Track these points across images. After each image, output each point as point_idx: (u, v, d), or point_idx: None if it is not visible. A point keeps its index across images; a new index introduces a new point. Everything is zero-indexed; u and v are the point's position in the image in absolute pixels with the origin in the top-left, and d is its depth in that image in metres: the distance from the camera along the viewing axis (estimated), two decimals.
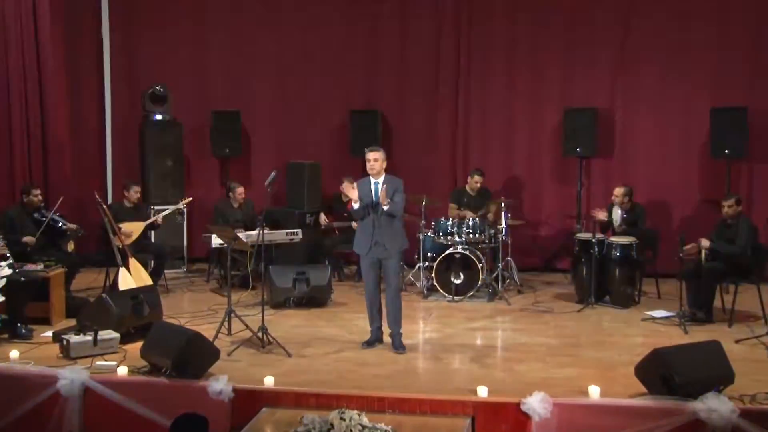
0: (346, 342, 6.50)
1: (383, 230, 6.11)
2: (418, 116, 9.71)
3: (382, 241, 6.11)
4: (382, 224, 6.10)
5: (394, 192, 6.13)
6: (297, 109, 9.91)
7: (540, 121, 9.41)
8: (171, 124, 9.63)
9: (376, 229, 6.11)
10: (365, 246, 6.19)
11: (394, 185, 6.16)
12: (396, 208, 6.12)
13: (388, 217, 6.10)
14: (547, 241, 9.50)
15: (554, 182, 9.46)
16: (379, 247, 6.15)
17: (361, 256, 6.30)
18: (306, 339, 6.58)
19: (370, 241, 6.14)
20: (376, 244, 6.13)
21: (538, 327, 7.03)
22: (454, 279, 8.01)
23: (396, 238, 6.19)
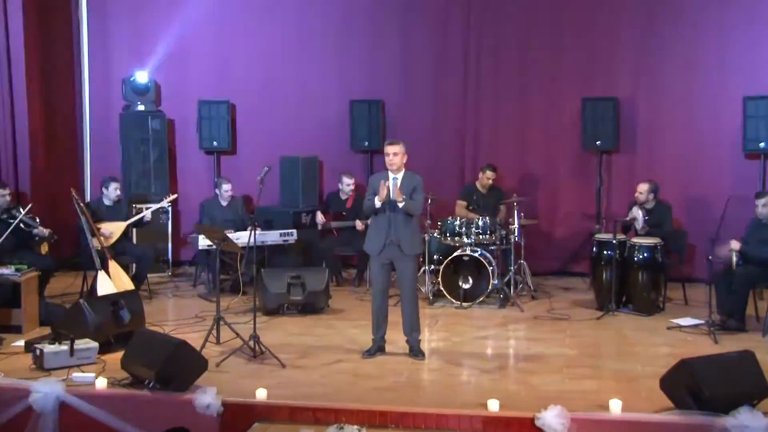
0: (345, 352, 6.50)
1: (399, 229, 6.13)
2: (424, 106, 9.72)
3: (397, 240, 6.13)
4: (398, 222, 6.13)
5: (413, 190, 6.15)
6: (292, 99, 9.91)
7: (556, 112, 9.40)
8: (154, 116, 9.64)
9: (392, 227, 6.14)
10: (378, 245, 6.21)
11: (413, 183, 6.18)
12: (414, 206, 6.16)
13: (405, 215, 6.11)
14: (564, 243, 9.49)
15: (572, 179, 9.46)
16: (393, 248, 6.17)
17: (372, 256, 6.30)
18: (301, 348, 6.58)
19: (384, 240, 6.16)
20: (391, 243, 6.15)
21: (554, 336, 7.02)
22: (463, 283, 8.01)
23: (413, 240, 6.22)
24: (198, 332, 6.87)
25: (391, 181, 6.21)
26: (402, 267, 6.23)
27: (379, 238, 6.19)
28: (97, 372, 5.81)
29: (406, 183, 6.17)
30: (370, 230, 6.33)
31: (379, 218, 6.20)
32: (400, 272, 6.27)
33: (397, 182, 6.17)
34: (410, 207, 6.12)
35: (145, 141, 9.59)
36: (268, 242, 8.43)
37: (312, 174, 9.50)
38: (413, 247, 6.24)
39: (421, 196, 6.22)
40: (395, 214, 6.13)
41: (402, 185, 6.16)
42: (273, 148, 9.74)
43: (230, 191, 8.73)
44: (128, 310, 6.58)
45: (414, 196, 6.16)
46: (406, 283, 6.28)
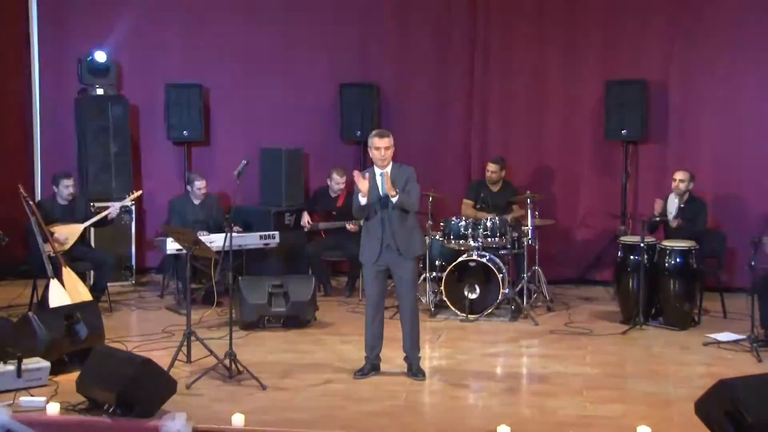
0: (334, 371, 6.48)
1: (395, 229, 6.11)
2: (424, 91, 9.71)
3: (394, 243, 6.11)
4: (394, 222, 6.11)
5: (407, 182, 6.13)
6: (273, 82, 9.89)
7: (576, 96, 9.40)
8: (115, 101, 9.62)
9: (387, 228, 6.12)
10: (374, 252, 6.18)
11: (405, 175, 6.16)
12: (409, 199, 6.12)
13: (401, 212, 6.10)
14: (585, 246, 9.49)
15: (593, 173, 9.46)
16: (391, 252, 6.15)
17: (366, 265, 6.29)
18: (284, 368, 6.56)
19: (379, 245, 6.14)
20: (387, 247, 6.13)
21: (573, 353, 7.01)
22: (469, 293, 8.00)
23: (411, 240, 6.20)
24: (166, 349, 6.84)
25: (379, 177, 6.18)
26: (400, 273, 6.21)
27: (374, 244, 6.17)
28: (49, 396, 5.77)
29: (397, 176, 6.13)
30: (363, 237, 6.31)
31: (371, 221, 6.18)
32: (398, 279, 6.25)
33: (386, 176, 6.14)
34: (406, 201, 6.09)
35: (104, 130, 9.56)
36: (246, 246, 8.41)
37: (297, 168, 9.49)
38: (413, 247, 6.22)
39: (416, 188, 6.19)
40: (389, 211, 6.10)
41: (387, 176, 6.12)
42: (252, 138, 9.73)
43: (203, 188, 8.71)
44: (85, 325, 6.55)
45: (409, 188, 6.13)
46: (406, 292, 6.26)
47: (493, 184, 8.84)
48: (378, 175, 6.19)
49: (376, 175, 6.19)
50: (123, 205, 8.38)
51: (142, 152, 10.03)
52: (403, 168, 6.22)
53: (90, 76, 9.59)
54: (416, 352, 6.33)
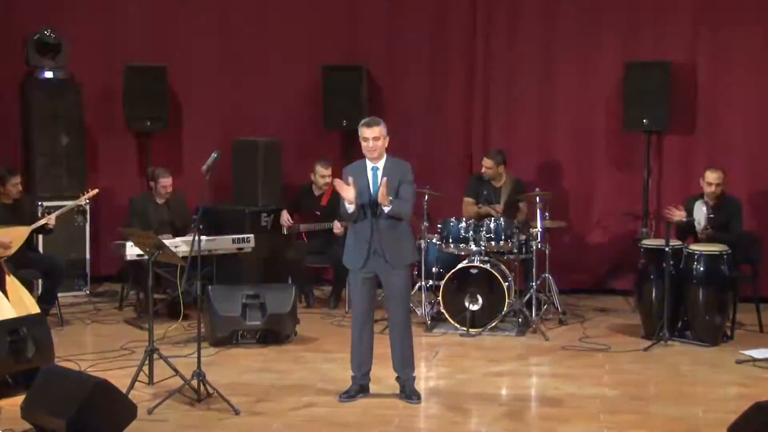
0: (317, 393, 6.47)
1: (384, 235, 6.10)
2: (419, 74, 9.70)
3: (382, 249, 6.10)
4: (382, 228, 6.09)
5: (399, 183, 6.10)
6: (247, 64, 9.87)
7: (591, 80, 9.41)
8: (66, 85, 9.57)
9: (375, 233, 6.10)
10: (359, 257, 6.17)
11: (400, 173, 6.13)
12: (402, 207, 6.10)
13: (388, 218, 6.08)
14: (601, 251, 9.50)
15: (611, 168, 9.47)
16: (378, 259, 6.13)
17: (352, 271, 6.26)
18: (261, 389, 6.55)
19: (366, 250, 6.12)
20: (375, 253, 6.11)
21: (589, 372, 7.01)
22: (470, 304, 7.99)
23: (402, 247, 6.18)
24: (125, 369, 6.81)
25: (371, 172, 6.15)
26: (390, 282, 6.19)
27: (360, 248, 6.15)
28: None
29: (391, 173, 6.11)
30: (349, 239, 6.30)
31: (360, 224, 6.16)
32: (387, 289, 6.24)
33: (379, 173, 6.12)
34: (399, 211, 6.07)
35: (54, 118, 9.52)
36: (217, 251, 8.38)
37: (274, 162, 9.47)
38: (401, 256, 6.19)
39: (411, 190, 6.16)
40: (378, 218, 6.07)
41: (385, 176, 6.10)
42: (223, 127, 9.72)
43: (169, 186, 8.68)
44: (32, 341, 6.50)
45: (402, 192, 6.09)
46: (396, 304, 6.23)
47: (493, 179, 8.82)
48: (370, 169, 6.16)
49: (367, 169, 6.16)
50: (76, 205, 8.32)
51: (98, 144, 9.98)
52: (398, 164, 6.19)
53: (37, 56, 9.54)
54: (409, 372, 6.31)
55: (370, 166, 6.18)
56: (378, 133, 6.12)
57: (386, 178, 6.02)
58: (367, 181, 6.14)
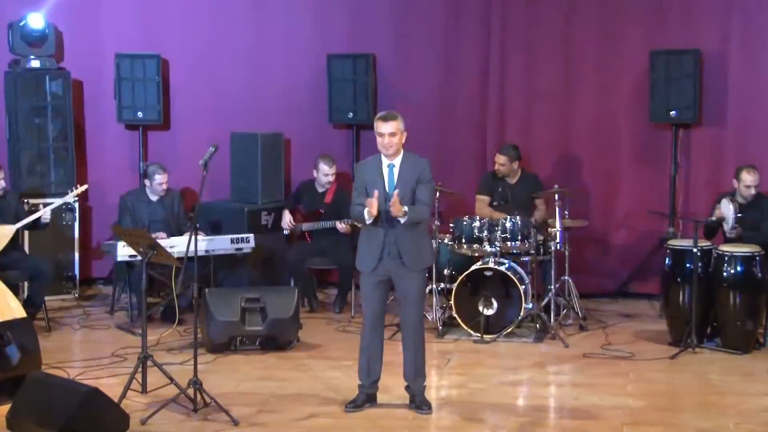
0: (321, 403, 6.48)
1: (400, 236, 6.10)
2: (430, 64, 9.70)
3: (396, 251, 6.11)
4: (398, 228, 6.10)
5: (417, 183, 6.10)
6: (247, 53, 9.88)
7: (614, 70, 9.40)
8: (54, 74, 9.59)
9: (389, 235, 6.11)
10: (372, 259, 6.18)
11: (418, 170, 6.13)
12: (419, 214, 6.10)
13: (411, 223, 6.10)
14: (625, 252, 9.49)
15: (635, 163, 9.46)
16: (393, 260, 6.14)
17: (363, 274, 6.28)
18: (261, 399, 6.56)
19: (379, 251, 6.13)
20: (389, 255, 6.12)
21: (612, 381, 7.01)
22: (484, 308, 8.00)
23: (418, 248, 6.18)
24: (116, 377, 6.83)
25: (387, 169, 6.16)
26: (404, 285, 6.20)
27: (374, 250, 6.16)
28: None
29: (408, 171, 6.12)
30: (362, 239, 6.30)
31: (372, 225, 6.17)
32: (400, 292, 6.25)
33: (395, 171, 6.13)
34: (415, 218, 6.08)
35: (41, 110, 9.53)
36: (214, 252, 8.40)
37: (275, 157, 9.48)
38: (419, 258, 6.20)
39: (429, 191, 6.15)
40: (393, 219, 6.08)
41: (401, 175, 6.11)
42: (221, 120, 9.71)
43: (164, 182, 8.68)
44: (17, 347, 6.53)
45: (419, 193, 6.09)
46: (409, 308, 6.25)
47: (507, 176, 8.81)
48: (385, 166, 6.17)
49: (382, 166, 6.17)
50: (64, 203, 8.34)
51: (88, 137, 9.99)
52: (416, 160, 6.19)
53: (23, 44, 9.55)
54: (421, 381, 6.33)
55: (386, 163, 6.18)
56: (395, 129, 6.11)
57: (397, 190, 6.02)
58: (382, 179, 6.14)
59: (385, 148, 6.14)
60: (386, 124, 6.12)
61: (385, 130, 6.11)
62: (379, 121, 6.15)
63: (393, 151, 6.14)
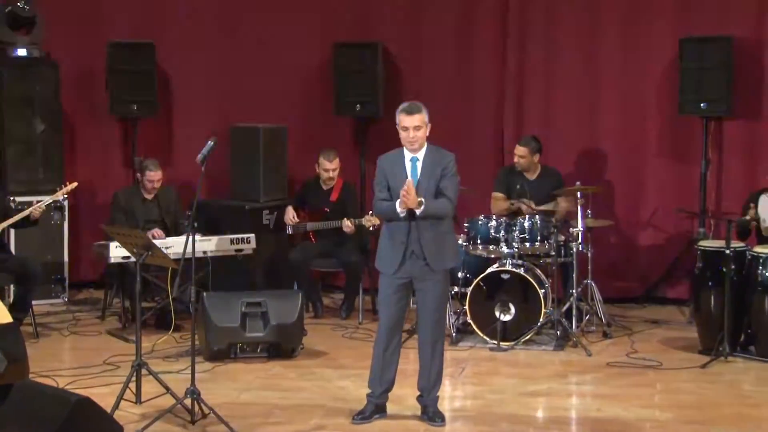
0: (327, 414, 6.49)
1: (424, 234, 6.12)
2: (443, 52, 9.73)
3: (420, 250, 6.12)
4: (421, 226, 6.12)
5: (441, 177, 6.12)
6: (247, 41, 9.91)
7: (641, 59, 9.41)
8: (42, 64, 9.62)
9: (413, 232, 6.13)
10: (393, 260, 6.19)
11: (442, 164, 6.15)
12: (440, 207, 6.10)
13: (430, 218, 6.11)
14: (652, 254, 9.50)
15: (663, 158, 9.47)
16: (416, 261, 6.15)
17: (383, 275, 6.31)
18: (263, 410, 6.57)
19: (402, 250, 6.15)
20: (412, 255, 6.14)
21: (638, 392, 7.02)
22: (501, 314, 8.02)
23: (442, 247, 6.19)
24: (109, 386, 6.84)
25: (409, 163, 6.18)
26: (426, 288, 6.21)
27: (396, 249, 6.18)
28: None
29: (432, 164, 6.14)
30: (383, 238, 6.31)
31: (394, 221, 6.19)
32: (421, 295, 6.25)
33: (418, 165, 6.15)
34: (435, 211, 6.09)
35: (27, 102, 9.56)
36: (213, 253, 8.42)
37: (278, 151, 9.51)
38: (444, 257, 6.21)
39: (453, 185, 6.14)
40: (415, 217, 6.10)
41: (425, 169, 6.12)
42: (221, 113, 9.75)
43: (157, 179, 8.70)
44: (3, 354, 6.55)
45: (442, 187, 6.10)
46: (430, 311, 6.24)
47: (526, 171, 8.81)
48: (408, 160, 6.19)
49: (405, 160, 6.20)
50: (53, 201, 8.36)
51: (78, 131, 10.04)
52: (440, 154, 6.20)
53: (9, 32, 9.59)
54: (436, 390, 6.34)
55: (408, 156, 6.20)
56: (419, 122, 6.13)
57: (410, 179, 6.05)
58: (405, 173, 6.15)
59: (410, 142, 6.16)
60: (411, 117, 6.13)
61: (410, 124, 6.13)
62: (403, 114, 6.16)
63: (418, 146, 6.16)
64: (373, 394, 6.36)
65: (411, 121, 6.12)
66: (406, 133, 6.15)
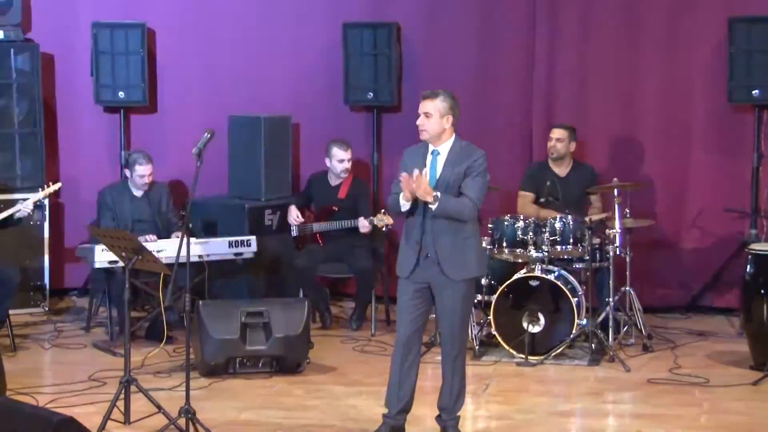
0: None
1: (439, 238, 6.12)
2: (465, 35, 9.73)
3: (435, 254, 6.14)
4: (436, 228, 6.12)
5: (465, 174, 6.12)
6: (248, 22, 9.93)
7: (686, 41, 9.40)
8: (20, 47, 9.64)
9: (427, 234, 6.14)
10: (408, 262, 6.21)
11: (469, 160, 6.13)
12: (458, 207, 6.08)
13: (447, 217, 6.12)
14: (698, 258, 9.49)
15: (710, 152, 9.46)
16: (431, 266, 6.16)
17: (400, 279, 6.32)
18: (265, 430, 6.58)
19: (416, 252, 6.17)
20: (426, 259, 6.15)
21: (682, 411, 7.01)
22: (529, 325, 8.02)
23: (462, 253, 6.17)
24: (94, 405, 6.85)
25: (430, 156, 6.20)
26: (445, 297, 6.20)
27: (411, 250, 6.19)
28: None
29: (454, 160, 6.13)
30: (402, 239, 6.32)
31: (411, 219, 6.20)
32: (440, 305, 6.23)
33: (439, 161, 6.15)
34: (453, 210, 6.08)
35: (5, 90, 9.60)
36: (210, 257, 8.45)
37: (282, 145, 9.53)
38: (462, 266, 6.18)
39: (478, 185, 6.10)
40: (431, 213, 6.10)
41: (447, 164, 6.12)
42: (218, 101, 9.76)
43: (148, 174, 8.72)
44: None
45: (464, 186, 6.07)
46: (447, 325, 6.23)
47: (559, 162, 8.79)
48: (430, 153, 6.21)
49: (427, 153, 6.21)
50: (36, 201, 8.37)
51: (60, 122, 10.06)
52: (468, 149, 6.17)
53: None
54: (457, 408, 6.33)
55: (430, 149, 6.22)
56: (430, 108, 6.13)
57: (416, 168, 6.04)
58: (422, 167, 6.14)
59: (419, 131, 6.18)
60: (422, 103, 6.17)
61: (420, 110, 6.17)
62: (423, 99, 6.21)
63: (427, 136, 6.16)
64: (389, 414, 6.33)
65: (421, 106, 6.16)
66: (419, 120, 6.19)
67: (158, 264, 6.74)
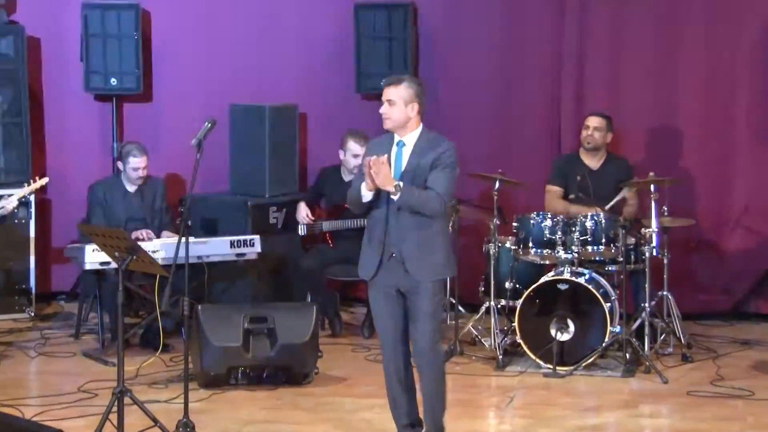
0: None
1: (403, 234, 6.11)
2: (489, 18, 9.75)
3: (400, 253, 6.14)
4: (402, 224, 6.10)
5: (433, 166, 6.12)
6: (251, 5, 9.96)
7: (731, 23, 9.39)
8: (4, 30, 9.66)
9: (390, 231, 6.15)
10: (371, 263, 6.20)
11: (436, 153, 6.12)
12: (421, 199, 6.05)
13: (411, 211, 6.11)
14: (742, 261, 9.49)
15: (756, 144, 9.46)
16: (396, 268, 6.15)
17: (368, 284, 6.31)
18: None
19: (379, 252, 6.17)
20: (391, 258, 6.15)
21: (725, 426, 7.00)
22: (558, 332, 8.03)
23: (430, 254, 6.17)
24: (85, 417, 6.87)
25: (395, 147, 6.19)
26: (412, 300, 6.16)
27: (373, 250, 6.18)
28: None
29: (420, 152, 6.11)
30: (364, 239, 6.30)
31: (374, 215, 6.21)
32: (410, 310, 6.18)
33: (404, 153, 6.14)
34: (416, 200, 6.07)
35: None
36: (210, 258, 8.48)
37: (288, 137, 9.56)
38: (428, 266, 6.14)
39: (445, 178, 6.05)
40: (395, 208, 6.08)
41: (413, 155, 6.11)
42: (219, 89, 9.79)
43: (140, 166, 8.75)
44: None
45: (431, 179, 6.03)
46: (418, 332, 6.16)
47: (593, 153, 8.77)
48: (395, 144, 6.18)
49: (392, 145, 6.18)
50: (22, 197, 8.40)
51: (47, 111, 10.09)
52: (436, 140, 6.15)
53: None
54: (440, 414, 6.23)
55: (395, 140, 6.21)
56: (393, 96, 6.11)
57: (376, 155, 6.01)
58: (387, 158, 6.09)
59: (383, 119, 6.16)
60: (385, 90, 6.15)
61: (384, 97, 6.16)
62: (384, 85, 6.19)
63: (391, 125, 6.14)
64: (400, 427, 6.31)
65: (384, 93, 6.15)
66: (382, 109, 6.18)
67: (154, 265, 6.76)
